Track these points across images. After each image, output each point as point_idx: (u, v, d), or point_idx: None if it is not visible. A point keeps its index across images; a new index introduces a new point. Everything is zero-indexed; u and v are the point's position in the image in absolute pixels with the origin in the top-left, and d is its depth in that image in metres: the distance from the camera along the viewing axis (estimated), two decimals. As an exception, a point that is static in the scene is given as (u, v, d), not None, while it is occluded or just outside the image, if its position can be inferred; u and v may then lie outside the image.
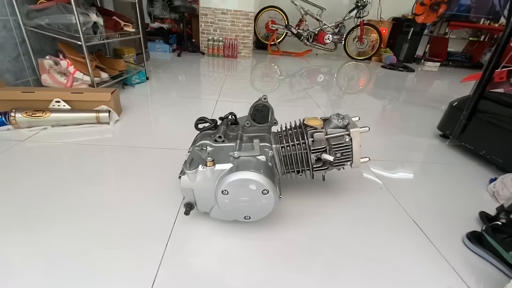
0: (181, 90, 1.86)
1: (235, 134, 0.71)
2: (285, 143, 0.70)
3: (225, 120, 0.78)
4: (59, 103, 1.11)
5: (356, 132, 0.67)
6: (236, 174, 0.57)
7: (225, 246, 0.64)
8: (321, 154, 0.68)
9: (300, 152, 0.69)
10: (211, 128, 0.74)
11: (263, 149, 0.66)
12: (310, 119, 0.72)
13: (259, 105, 0.75)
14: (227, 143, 0.67)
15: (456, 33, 4.60)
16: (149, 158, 0.98)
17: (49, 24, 1.24)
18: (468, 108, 1.13)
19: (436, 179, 1.02)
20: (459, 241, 0.72)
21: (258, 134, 0.72)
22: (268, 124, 0.76)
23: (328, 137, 0.69)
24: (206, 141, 0.68)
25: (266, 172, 0.59)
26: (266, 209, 0.61)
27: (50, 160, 0.92)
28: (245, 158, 0.62)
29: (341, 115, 0.71)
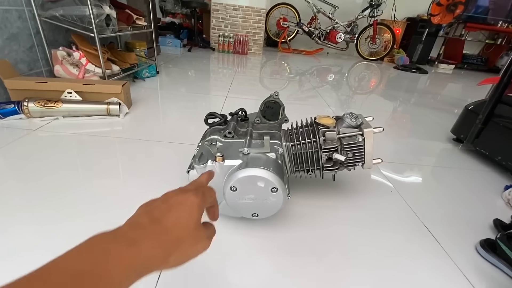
0: (191, 85, 1.86)
1: (245, 130, 0.71)
2: (295, 141, 0.68)
3: (235, 116, 0.77)
4: (71, 94, 1.13)
5: (370, 132, 0.65)
6: (245, 170, 0.56)
7: (231, 243, 0.63)
8: (332, 153, 0.67)
9: (310, 151, 0.68)
10: (221, 123, 0.74)
11: (273, 146, 0.65)
12: (322, 117, 0.70)
13: (270, 101, 0.75)
14: (236, 139, 0.66)
15: (473, 35, 4.48)
16: (157, 152, 0.98)
17: (63, 16, 1.26)
18: (484, 112, 1.10)
19: (449, 184, 0.99)
20: (472, 249, 0.70)
21: (268, 131, 0.71)
22: (279, 121, 0.76)
23: (340, 137, 0.67)
24: (216, 136, 0.67)
25: (275, 170, 0.58)
26: (274, 207, 0.60)
27: (61, 150, 0.93)
28: (255, 155, 0.61)
29: (354, 114, 0.69)
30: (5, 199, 0.68)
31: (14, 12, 1.18)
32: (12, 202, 0.68)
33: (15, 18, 1.19)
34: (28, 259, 0.53)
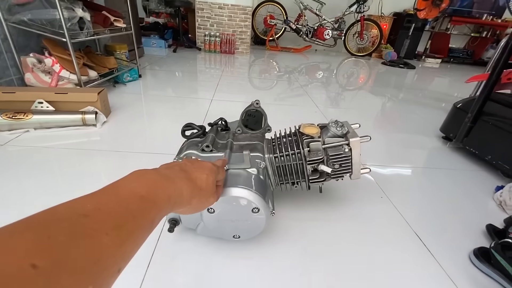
0: (176, 88, 1.79)
1: (224, 142, 0.65)
2: (278, 153, 0.64)
3: (215, 126, 0.71)
4: (42, 104, 1.05)
5: (356, 142, 0.61)
6: (224, 190, 0.51)
7: (213, 266, 0.59)
8: (318, 165, 0.63)
9: (295, 163, 0.63)
10: (199, 135, 0.67)
11: (254, 160, 0.61)
12: (306, 126, 0.66)
13: (251, 110, 0.70)
14: (215, 153, 0.61)
15: (458, 28, 4.52)
16: (137, 164, 0.92)
17: (32, 20, 1.17)
18: (473, 110, 1.08)
19: (440, 186, 0.97)
20: (465, 257, 0.67)
21: (250, 142, 0.66)
22: (261, 130, 0.71)
23: (326, 147, 0.63)
24: (193, 150, 0.61)
25: (257, 188, 0.53)
26: (257, 228, 0.56)
27: (32, 165, 0.86)
28: (234, 171, 0.56)
29: (340, 122, 0.65)
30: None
31: (-24, 17, 1.10)
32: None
33: (-21, 23, 1.11)
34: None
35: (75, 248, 0.17)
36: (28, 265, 0.15)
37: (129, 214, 0.23)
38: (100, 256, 0.19)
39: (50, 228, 0.18)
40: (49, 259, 0.16)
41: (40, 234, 0.17)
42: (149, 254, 0.60)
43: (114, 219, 0.21)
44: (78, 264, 0.17)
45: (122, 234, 0.21)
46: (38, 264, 0.15)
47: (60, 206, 0.20)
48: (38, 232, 0.17)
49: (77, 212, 0.20)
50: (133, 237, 0.22)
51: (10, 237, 0.16)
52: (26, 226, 0.17)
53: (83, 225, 0.19)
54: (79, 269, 0.17)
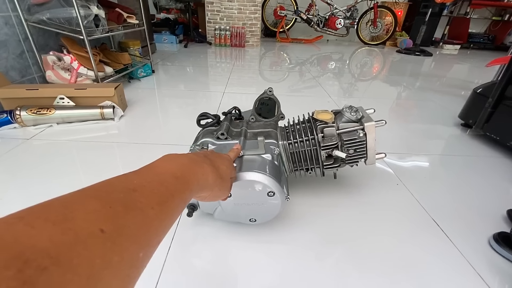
0: (188, 82, 1.82)
1: (239, 130, 0.66)
2: (292, 139, 0.64)
3: (229, 115, 0.73)
4: (63, 100, 1.10)
5: (371, 127, 0.60)
6: (239, 175, 0.52)
7: (230, 250, 0.61)
8: (332, 150, 0.62)
9: (309, 148, 0.64)
10: (213, 124, 0.69)
11: (268, 146, 0.62)
12: (320, 112, 0.65)
13: (264, 98, 0.71)
14: (230, 141, 0.62)
15: (478, 12, 4.31)
16: (154, 155, 0.94)
17: (50, 19, 1.22)
18: (494, 95, 1.04)
19: (458, 172, 0.94)
20: (484, 242, 0.66)
21: (264, 130, 0.67)
22: (275, 118, 0.71)
23: (340, 132, 0.62)
24: (208, 138, 0.63)
25: (271, 172, 0.54)
26: (272, 211, 0.57)
27: (56, 158, 0.91)
28: (249, 157, 0.58)
29: (354, 107, 0.64)
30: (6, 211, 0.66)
31: (0, 18, 1.15)
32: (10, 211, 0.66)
33: (2, 24, 1.16)
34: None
35: (131, 218, 0.19)
36: (98, 230, 0.17)
37: (168, 192, 0.25)
38: (149, 227, 0.21)
39: (110, 199, 0.20)
40: (113, 226, 0.18)
41: (103, 203, 0.19)
42: (169, 238, 0.62)
43: (157, 196, 0.23)
44: (133, 232, 0.19)
45: (164, 210, 0.23)
46: (105, 229, 0.17)
47: (113, 180, 0.23)
48: (102, 201, 0.19)
49: (127, 186, 0.22)
50: (171, 213, 0.25)
51: (80, 204, 0.18)
52: (91, 195, 0.20)
53: (134, 198, 0.21)
54: (134, 236, 0.19)
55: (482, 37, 4.47)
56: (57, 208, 0.17)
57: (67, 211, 0.17)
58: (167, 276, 0.54)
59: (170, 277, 0.54)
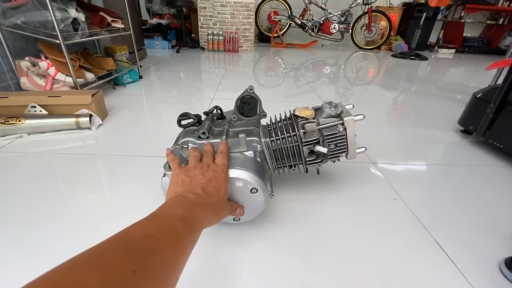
0: (178, 88, 1.75)
1: (221, 129, 0.64)
2: (274, 136, 0.63)
3: (210, 115, 0.70)
4: (35, 108, 1.02)
5: (350, 121, 0.60)
6: None
7: (214, 251, 0.57)
8: (314, 146, 0.62)
9: (291, 145, 0.63)
10: (194, 124, 0.66)
11: (250, 144, 0.60)
12: (301, 109, 0.65)
13: (245, 97, 0.69)
14: (212, 139, 0.60)
15: (473, 16, 4.31)
16: (133, 167, 0.87)
17: (25, 23, 1.15)
18: (496, 100, 0.97)
19: (460, 184, 0.87)
20: (494, 268, 0.58)
21: (246, 128, 0.65)
22: (257, 117, 0.69)
23: (321, 128, 0.62)
24: (189, 138, 0.60)
25: (254, 169, 0.53)
26: (256, 208, 0.56)
27: (26, 171, 0.82)
28: (231, 154, 0.55)
29: (333, 103, 0.64)
30: None
31: (-31, 22, 1.08)
32: None
33: (-28, 28, 1.09)
34: None
35: (153, 260, 0.23)
36: (130, 271, 0.21)
37: (179, 235, 0.29)
38: (168, 266, 0.25)
39: (134, 246, 0.24)
40: (140, 267, 0.22)
41: (130, 249, 0.23)
42: None
43: (170, 239, 0.28)
44: (156, 271, 0.23)
45: (177, 250, 0.28)
46: (135, 269, 0.21)
47: (132, 229, 0.27)
48: (128, 248, 0.23)
49: (145, 233, 0.27)
50: (184, 252, 0.29)
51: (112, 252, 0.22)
52: (119, 245, 0.24)
53: (152, 243, 0.25)
54: (157, 274, 0.23)
55: (477, 41, 4.47)
56: (96, 257, 0.22)
57: (105, 258, 0.21)
58: None
59: None
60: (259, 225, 0.65)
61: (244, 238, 0.61)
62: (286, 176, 0.80)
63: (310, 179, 0.83)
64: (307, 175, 0.84)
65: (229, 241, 0.60)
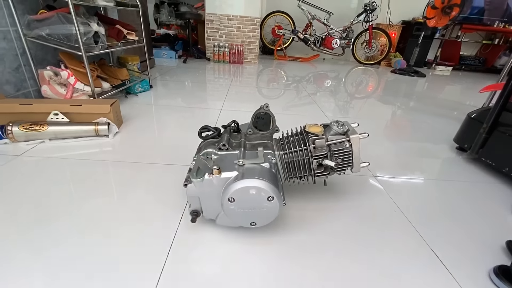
0: (186, 98, 1.82)
1: (238, 142, 0.72)
2: (287, 150, 0.70)
3: (228, 128, 0.78)
4: (57, 116, 1.08)
5: (356, 138, 0.69)
6: (242, 181, 0.57)
7: (229, 252, 0.64)
8: (322, 160, 0.70)
9: (302, 158, 0.70)
10: (214, 136, 0.74)
11: (266, 156, 0.67)
12: (311, 126, 0.73)
13: (260, 113, 0.76)
14: (231, 151, 0.67)
15: (469, 36, 4.46)
16: (148, 173, 0.93)
17: (50, 35, 1.22)
18: (488, 121, 1.05)
19: (455, 199, 0.94)
20: (484, 276, 0.64)
21: (261, 141, 0.73)
22: (270, 131, 0.76)
23: (329, 143, 0.70)
24: (211, 149, 0.68)
25: (270, 179, 0.59)
26: (271, 215, 0.62)
27: (47, 175, 0.88)
28: (250, 165, 0.62)
29: (340, 121, 0.72)
30: (-21, 238, 0.63)
31: (-2, 33, 1.15)
32: None
33: (0, 39, 1.16)
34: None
35: None
36: None
37: None
38: None
39: None
40: None
41: None
42: (167, 245, 0.64)
43: None
44: None
45: None
46: None
47: None
48: None
49: None
50: None
51: None
52: None
53: None
54: None
55: (473, 60, 4.61)
56: None
57: None
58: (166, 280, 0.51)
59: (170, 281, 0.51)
60: (271, 229, 0.71)
61: (257, 241, 0.68)
62: (295, 187, 0.89)
63: (317, 190, 0.90)
64: (314, 186, 0.91)
65: (244, 243, 0.67)
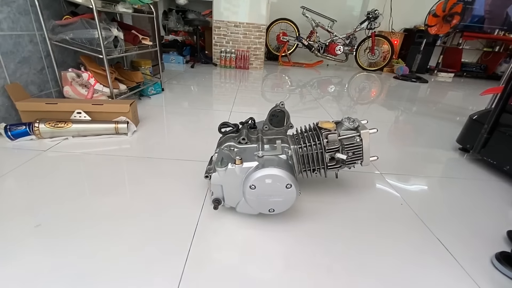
0: (195, 101, 1.89)
1: (255, 136, 0.78)
2: (302, 144, 0.76)
3: (246, 124, 0.84)
4: (80, 114, 1.15)
5: (366, 133, 0.74)
6: (263, 170, 0.63)
7: (249, 238, 0.69)
8: (334, 153, 0.75)
9: (316, 152, 0.75)
10: (233, 131, 0.81)
11: (283, 149, 0.72)
12: (324, 122, 0.78)
13: (276, 110, 0.81)
14: (250, 145, 0.73)
15: (470, 43, 4.54)
16: (165, 169, 0.99)
17: (73, 39, 1.30)
18: (489, 122, 1.10)
19: (459, 195, 0.98)
20: (487, 262, 0.69)
21: (276, 136, 0.78)
22: (285, 127, 0.82)
23: (341, 138, 0.75)
24: (231, 142, 0.74)
25: (288, 169, 0.65)
26: (288, 202, 0.67)
27: (70, 169, 0.94)
28: (268, 157, 0.68)
29: (351, 118, 0.78)
30: (16, 222, 0.69)
31: (26, 36, 1.23)
32: (23, 223, 0.68)
33: (27, 42, 1.24)
34: (44, 283, 0.53)
35: None
36: None
37: None
38: None
39: None
40: None
41: None
42: (191, 231, 0.68)
43: None
44: None
45: None
46: None
47: None
48: None
49: None
50: None
51: None
52: None
53: None
54: None
55: (474, 67, 4.68)
56: None
57: None
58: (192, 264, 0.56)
59: (195, 265, 0.56)
60: (286, 218, 0.77)
61: (274, 228, 0.73)
62: (308, 180, 0.95)
63: (328, 184, 0.96)
64: (326, 180, 0.97)
65: (261, 230, 0.72)
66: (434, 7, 3.29)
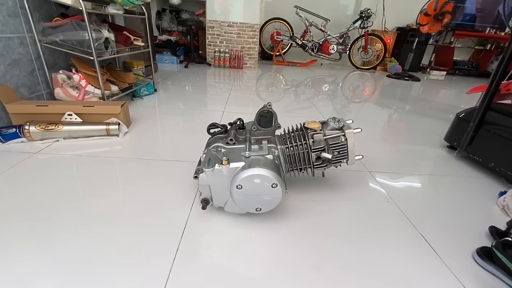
0: (188, 101, 1.89)
1: (243, 137, 0.79)
2: (288, 144, 0.77)
3: (234, 125, 0.85)
4: (71, 116, 1.15)
5: (350, 133, 0.77)
6: (249, 170, 0.64)
7: (237, 237, 0.71)
8: (320, 153, 0.77)
9: (302, 151, 0.77)
10: (221, 132, 0.82)
11: (270, 149, 0.74)
12: (310, 122, 0.80)
13: (264, 111, 0.83)
14: (238, 145, 0.75)
15: (462, 42, 4.59)
16: (156, 170, 0.99)
17: (63, 41, 1.30)
18: (475, 119, 1.13)
19: (444, 191, 1.01)
20: (469, 257, 0.71)
21: (264, 136, 0.80)
22: (273, 128, 0.83)
23: (326, 138, 0.77)
24: (219, 143, 0.75)
25: (274, 169, 0.66)
26: (275, 201, 0.68)
27: (61, 172, 0.94)
28: (255, 157, 0.69)
29: (336, 118, 0.80)
30: (8, 224, 0.69)
31: (15, 39, 1.22)
32: (15, 225, 0.68)
33: (17, 44, 1.23)
34: (30, 282, 0.54)
35: None
36: None
37: None
38: None
39: None
40: None
41: None
42: (180, 231, 0.69)
43: None
44: None
45: None
46: None
47: None
48: None
49: None
50: None
51: None
52: None
53: None
54: None
55: (466, 64, 4.74)
56: None
57: None
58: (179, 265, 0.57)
59: (183, 264, 0.57)
60: (274, 216, 0.78)
61: (262, 226, 0.75)
62: (295, 179, 0.96)
63: (315, 182, 0.97)
64: (313, 180, 0.99)
65: (249, 229, 0.74)
66: (425, 6, 3.33)
